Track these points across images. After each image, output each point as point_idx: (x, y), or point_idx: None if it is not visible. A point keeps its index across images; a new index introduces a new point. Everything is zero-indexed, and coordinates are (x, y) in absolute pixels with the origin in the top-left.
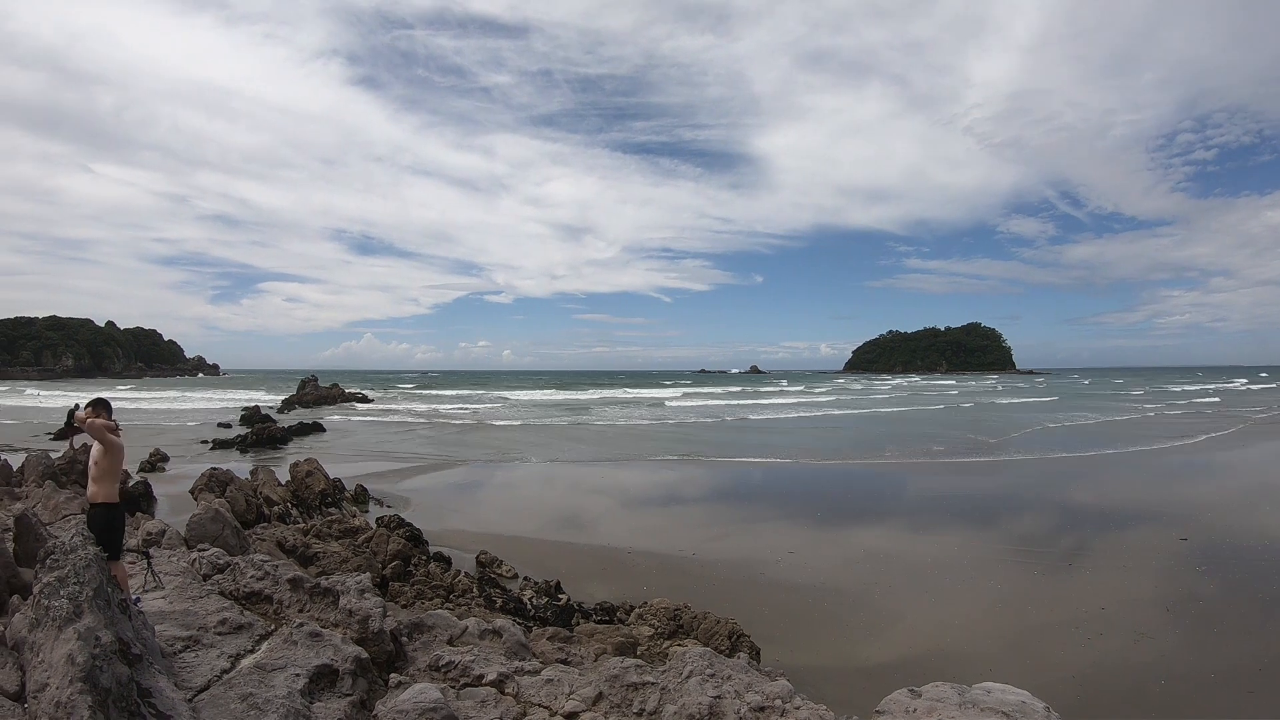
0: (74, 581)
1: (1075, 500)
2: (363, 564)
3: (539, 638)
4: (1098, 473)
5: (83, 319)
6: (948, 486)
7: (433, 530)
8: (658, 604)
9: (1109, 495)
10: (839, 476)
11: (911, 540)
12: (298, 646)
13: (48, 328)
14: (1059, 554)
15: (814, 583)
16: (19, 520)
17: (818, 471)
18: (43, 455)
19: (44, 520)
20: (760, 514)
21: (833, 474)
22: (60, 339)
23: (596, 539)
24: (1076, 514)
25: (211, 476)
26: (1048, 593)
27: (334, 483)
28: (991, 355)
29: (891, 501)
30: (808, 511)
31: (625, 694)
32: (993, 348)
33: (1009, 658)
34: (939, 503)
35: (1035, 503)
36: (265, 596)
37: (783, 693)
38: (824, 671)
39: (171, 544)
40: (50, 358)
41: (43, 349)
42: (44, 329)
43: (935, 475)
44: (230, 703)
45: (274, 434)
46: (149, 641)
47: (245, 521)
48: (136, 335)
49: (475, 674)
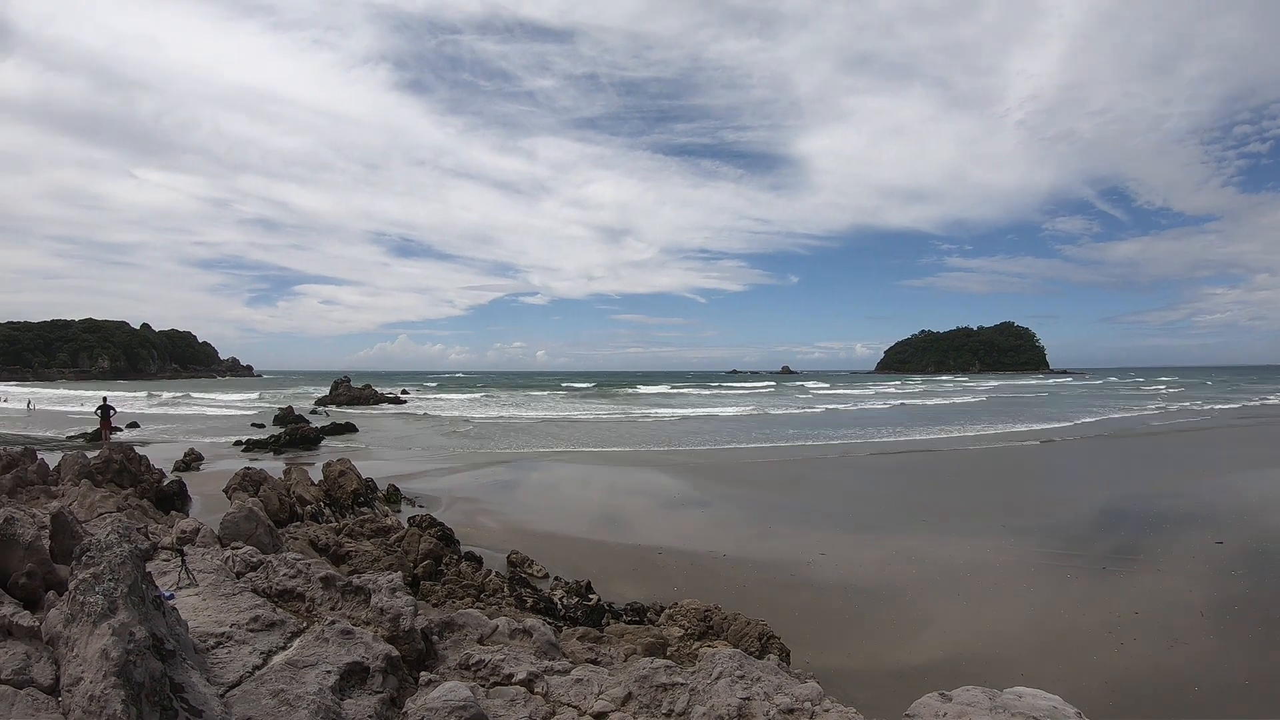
0: (109, 578)
1: (1111, 501)
2: (394, 563)
3: (569, 637)
4: (1134, 472)
5: (118, 321)
6: (984, 485)
7: (464, 530)
8: (688, 605)
9: (1144, 495)
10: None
11: (944, 541)
12: (329, 644)
13: (84, 330)
14: (1092, 556)
15: (845, 584)
16: (55, 518)
17: (852, 470)
18: (79, 454)
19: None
20: (793, 514)
21: (866, 473)
22: (96, 341)
23: (628, 539)
24: (1111, 515)
25: (245, 476)
26: (1080, 596)
27: (366, 482)
28: (1025, 355)
29: (926, 500)
30: (841, 511)
31: (654, 694)
32: (1026, 347)
33: (1040, 662)
34: (974, 502)
35: (1070, 502)
36: (298, 594)
37: (812, 695)
38: (854, 674)
39: (205, 542)
40: (87, 359)
41: (79, 351)
42: (80, 331)
43: (970, 473)
44: (262, 698)
45: (307, 434)
46: (182, 637)
47: (278, 520)
48: (171, 337)
49: (505, 673)
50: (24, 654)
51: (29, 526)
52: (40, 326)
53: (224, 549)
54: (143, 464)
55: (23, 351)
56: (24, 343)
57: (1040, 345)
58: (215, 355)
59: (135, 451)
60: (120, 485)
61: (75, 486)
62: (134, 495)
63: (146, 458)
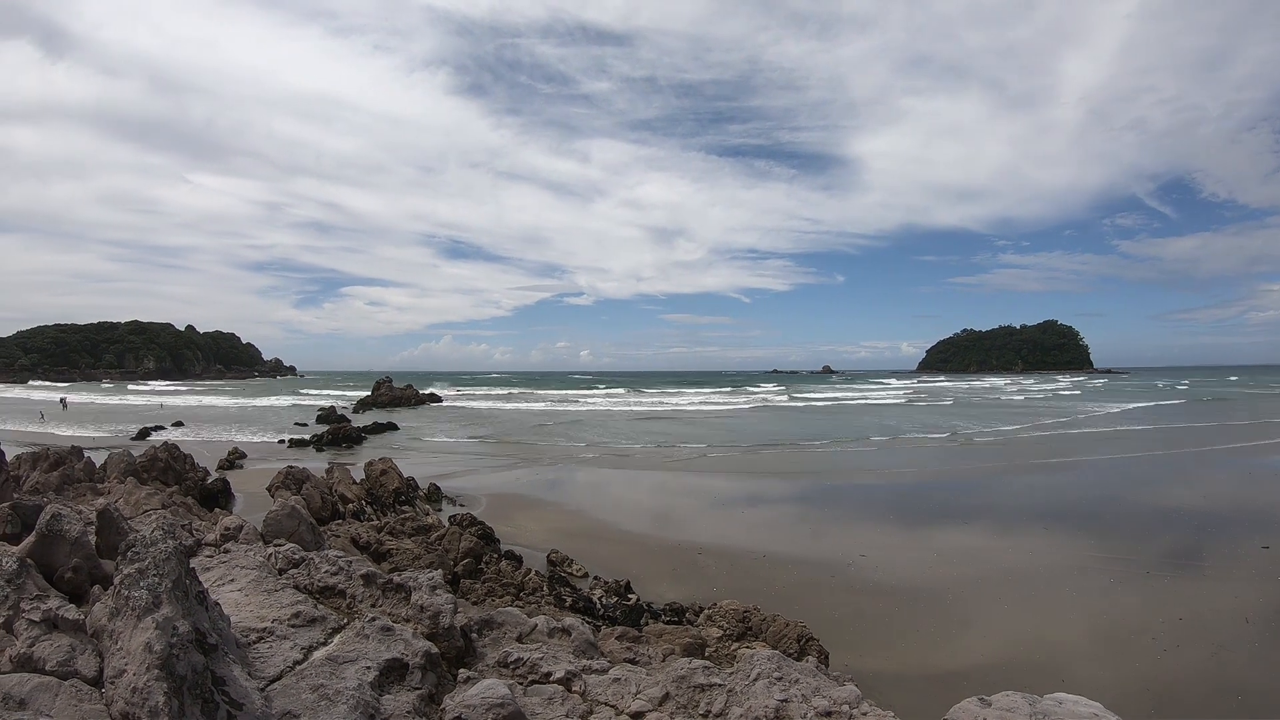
0: (153, 573)
1: (1155, 504)
2: (435, 561)
3: (607, 637)
4: (1179, 476)
5: (164, 323)
6: (1025, 487)
7: (504, 529)
8: (727, 605)
9: (1189, 499)
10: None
11: (985, 543)
12: (369, 640)
13: (130, 332)
14: (1136, 560)
15: (886, 586)
16: (101, 514)
17: (892, 470)
18: (124, 453)
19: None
20: (832, 515)
21: (906, 474)
22: (142, 342)
23: (667, 539)
24: (1155, 519)
25: (288, 474)
26: (1123, 600)
27: (408, 481)
28: (1068, 354)
29: (966, 503)
30: (880, 513)
31: (692, 695)
32: (1069, 346)
33: (1082, 668)
34: (1014, 505)
35: (1114, 506)
36: (339, 591)
37: (850, 698)
38: (893, 677)
39: (248, 539)
40: (133, 360)
41: (125, 352)
42: (126, 333)
43: (1013, 475)
44: (302, 693)
45: (349, 433)
46: (224, 632)
47: (320, 518)
48: (215, 338)
49: (543, 671)
50: (69, 646)
51: (75, 523)
52: (87, 328)
53: (266, 546)
54: (187, 462)
55: (70, 353)
56: (71, 344)
57: (1084, 344)
58: (259, 356)
59: (179, 450)
60: (165, 483)
61: (121, 484)
62: (178, 493)
63: (191, 456)
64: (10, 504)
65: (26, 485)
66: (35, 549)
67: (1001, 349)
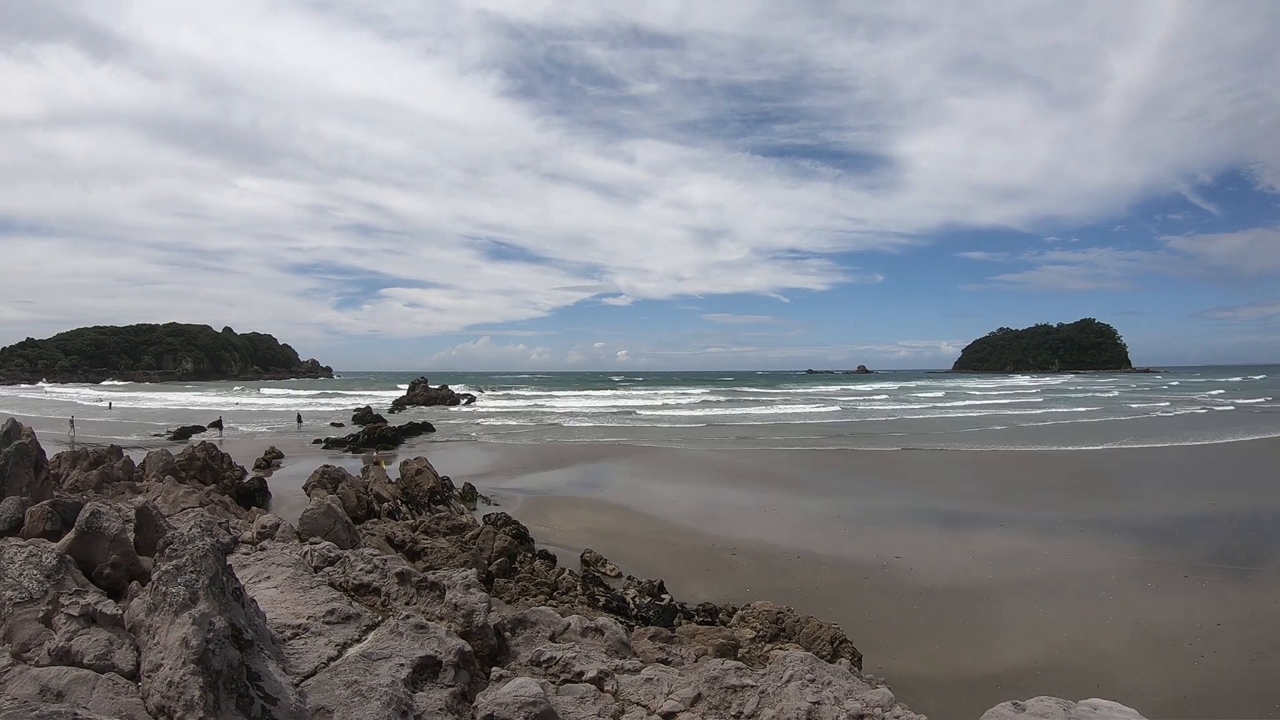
0: (191, 570)
1: (1193, 506)
2: (469, 560)
3: (640, 637)
4: (1218, 478)
5: (201, 325)
6: (1062, 489)
7: (539, 528)
8: (760, 606)
9: (1230, 502)
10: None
11: (1021, 545)
12: (403, 637)
13: (168, 333)
14: (1174, 563)
15: (921, 587)
16: (140, 512)
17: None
18: (163, 452)
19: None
20: (868, 516)
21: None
22: (180, 344)
23: (701, 539)
24: (1193, 520)
25: (324, 473)
26: (1162, 604)
27: (443, 480)
28: (1106, 353)
29: (1004, 504)
30: (916, 514)
31: (724, 696)
32: (1107, 345)
33: (1117, 673)
34: (1051, 507)
35: (1151, 507)
36: (373, 589)
37: (883, 701)
38: (926, 681)
39: (285, 537)
40: (170, 362)
41: (164, 353)
42: (164, 335)
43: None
44: (336, 689)
45: (384, 433)
46: (260, 628)
47: (356, 517)
48: (252, 340)
49: (576, 670)
50: (106, 640)
51: (114, 520)
52: (126, 331)
53: (302, 544)
54: (224, 461)
55: (109, 355)
56: (110, 346)
57: (1122, 343)
58: (295, 357)
59: (217, 449)
60: (203, 481)
61: (159, 482)
62: (216, 491)
63: (228, 455)
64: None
65: (66, 483)
66: (75, 545)
67: (1038, 348)
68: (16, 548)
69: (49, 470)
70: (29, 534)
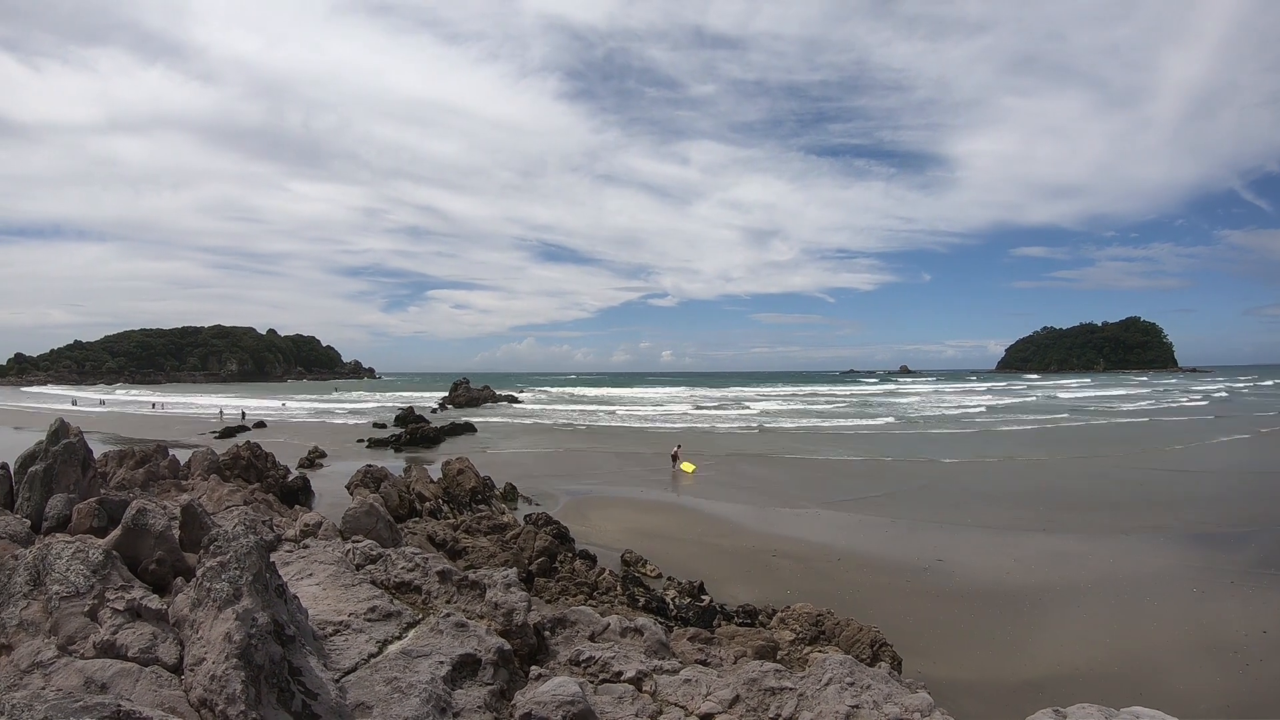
0: (235, 567)
1: (1240, 511)
2: (510, 559)
3: (679, 638)
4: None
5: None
6: (1107, 494)
7: (579, 528)
8: (800, 609)
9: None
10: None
11: (1065, 550)
12: (443, 635)
13: (213, 336)
14: (1221, 569)
15: (962, 591)
16: (185, 509)
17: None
18: (208, 451)
19: (208, 510)
20: (910, 517)
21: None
22: (225, 346)
23: (742, 541)
24: (1241, 526)
25: (367, 473)
26: (1207, 611)
27: (484, 480)
28: (1151, 352)
29: (1046, 508)
30: (958, 517)
31: (762, 698)
32: (1153, 344)
33: (1160, 681)
34: (1096, 511)
35: (1197, 512)
36: (414, 587)
37: (922, 706)
38: (966, 686)
39: (328, 535)
40: (215, 364)
41: (209, 355)
42: (210, 337)
43: (1094, 482)
44: (375, 685)
45: (427, 433)
46: (302, 624)
47: (398, 516)
48: (296, 342)
49: (614, 670)
50: (151, 634)
51: (160, 517)
52: (172, 333)
53: (345, 542)
54: (268, 460)
55: (155, 356)
56: (157, 348)
57: (1168, 342)
58: (338, 359)
59: (261, 449)
60: (247, 480)
61: (204, 481)
62: (260, 490)
63: (272, 454)
64: (97, 499)
65: (113, 481)
66: (121, 542)
67: (1083, 347)
68: (64, 543)
69: (96, 469)
70: (76, 530)
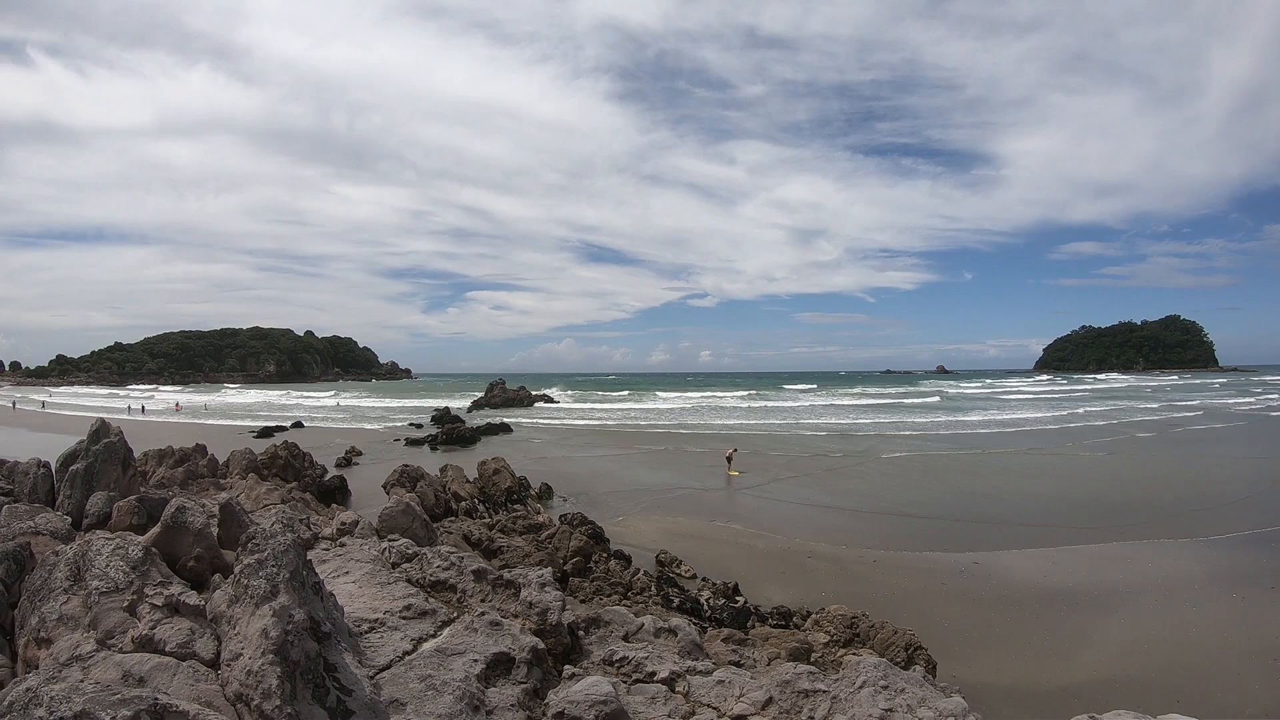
0: (272, 564)
1: None
2: (544, 559)
3: (713, 638)
4: None
5: (283, 329)
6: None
7: (614, 528)
8: (834, 611)
9: None
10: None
11: (1103, 555)
12: (478, 634)
13: (251, 337)
14: (1261, 575)
15: (998, 595)
16: (224, 508)
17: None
18: (246, 451)
19: (246, 509)
20: (946, 519)
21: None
22: (263, 347)
23: (776, 542)
24: None
25: (403, 472)
26: (1245, 617)
27: (520, 480)
28: (1192, 351)
29: (1084, 512)
30: (994, 519)
31: (795, 700)
32: (1193, 343)
33: (1197, 688)
34: (1133, 515)
35: (1237, 517)
36: (450, 586)
37: (956, 710)
38: (1002, 691)
39: (364, 534)
40: (253, 364)
41: (247, 356)
42: (248, 338)
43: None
44: (410, 682)
45: (463, 433)
46: (338, 621)
47: (434, 515)
48: (333, 343)
49: (648, 670)
50: (189, 629)
51: (198, 515)
52: (211, 335)
53: (381, 540)
54: (306, 459)
55: (194, 358)
56: (195, 350)
57: (1208, 340)
58: (375, 359)
59: (299, 448)
60: (284, 479)
61: (243, 479)
62: (297, 488)
63: (309, 454)
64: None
65: (153, 480)
66: (160, 539)
67: (1122, 346)
68: (104, 540)
69: (136, 467)
70: (116, 527)
